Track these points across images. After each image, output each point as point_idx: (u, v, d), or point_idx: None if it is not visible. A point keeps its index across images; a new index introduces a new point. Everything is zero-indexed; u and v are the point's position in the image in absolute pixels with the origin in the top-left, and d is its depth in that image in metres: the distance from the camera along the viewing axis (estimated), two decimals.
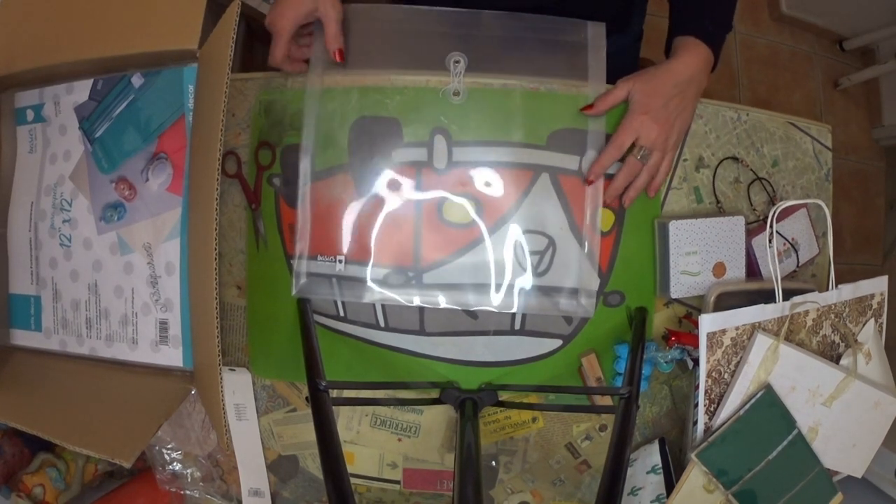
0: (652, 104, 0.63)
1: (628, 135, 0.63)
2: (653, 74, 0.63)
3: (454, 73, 0.66)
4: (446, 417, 0.71)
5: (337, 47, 0.64)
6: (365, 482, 0.74)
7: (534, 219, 0.67)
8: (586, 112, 0.65)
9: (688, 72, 0.63)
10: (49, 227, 0.67)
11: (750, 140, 0.72)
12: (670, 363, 0.68)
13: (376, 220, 0.67)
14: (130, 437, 0.53)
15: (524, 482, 0.74)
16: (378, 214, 0.67)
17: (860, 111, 1.88)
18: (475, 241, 0.67)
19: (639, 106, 0.63)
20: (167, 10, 0.59)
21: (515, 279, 0.67)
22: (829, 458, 0.65)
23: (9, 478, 0.71)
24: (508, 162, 0.67)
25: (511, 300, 0.66)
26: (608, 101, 0.64)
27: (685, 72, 0.63)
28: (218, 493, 0.75)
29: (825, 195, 0.75)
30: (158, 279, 0.62)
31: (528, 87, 0.67)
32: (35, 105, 0.68)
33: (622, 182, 0.65)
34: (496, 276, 0.67)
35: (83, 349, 0.66)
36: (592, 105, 0.65)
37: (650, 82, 0.63)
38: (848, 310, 0.67)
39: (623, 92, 0.64)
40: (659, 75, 0.63)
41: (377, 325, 0.69)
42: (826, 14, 1.81)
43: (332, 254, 0.66)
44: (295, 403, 0.71)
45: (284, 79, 0.68)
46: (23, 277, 0.69)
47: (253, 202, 0.68)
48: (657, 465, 0.67)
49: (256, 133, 0.68)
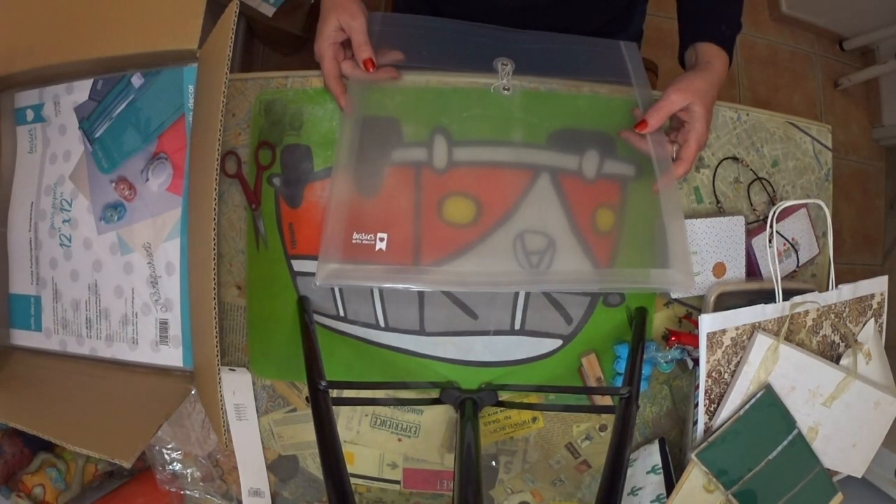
0: (706, 113, 0.62)
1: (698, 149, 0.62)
2: (700, 81, 0.62)
3: (502, 74, 0.67)
4: (446, 417, 0.71)
5: (365, 57, 0.62)
6: (365, 482, 0.74)
7: (534, 219, 0.67)
8: (640, 129, 0.63)
9: (720, 77, 0.64)
10: (49, 227, 0.67)
11: (750, 140, 0.72)
12: (670, 363, 0.68)
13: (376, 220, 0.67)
14: (130, 437, 0.53)
15: (524, 482, 0.74)
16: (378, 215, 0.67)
17: (860, 111, 1.88)
18: (475, 241, 0.67)
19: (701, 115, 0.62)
20: (167, 9, 0.59)
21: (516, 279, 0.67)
22: (829, 458, 0.65)
23: (9, 478, 0.71)
24: (508, 162, 0.67)
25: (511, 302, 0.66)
26: (663, 113, 0.62)
27: (720, 77, 0.64)
28: (218, 493, 0.75)
29: (825, 195, 0.75)
30: (158, 279, 0.62)
31: (529, 86, 0.67)
32: (35, 105, 0.68)
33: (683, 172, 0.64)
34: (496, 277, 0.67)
35: (83, 349, 0.66)
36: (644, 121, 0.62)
37: (703, 89, 0.62)
38: (848, 310, 0.67)
39: (679, 104, 0.62)
40: (707, 81, 0.62)
41: (377, 325, 0.69)
42: (826, 14, 1.81)
43: (371, 231, 0.65)
44: (295, 403, 0.71)
45: (284, 79, 0.68)
46: (23, 277, 0.69)
47: (253, 202, 0.68)
48: (657, 465, 0.67)
49: (256, 133, 0.68)
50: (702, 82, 0.62)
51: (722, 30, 0.65)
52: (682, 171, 0.63)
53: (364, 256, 0.63)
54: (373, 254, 0.63)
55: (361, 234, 0.63)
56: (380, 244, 0.63)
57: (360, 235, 0.63)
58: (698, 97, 0.61)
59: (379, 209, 0.67)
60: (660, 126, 0.63)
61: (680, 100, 0.61)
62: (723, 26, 0.66)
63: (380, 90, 0.66)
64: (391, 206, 0.67)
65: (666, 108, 0.62)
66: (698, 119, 0.61)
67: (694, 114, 0.61)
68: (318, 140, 0.67)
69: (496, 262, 0.67)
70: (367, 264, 0.63)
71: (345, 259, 0.62)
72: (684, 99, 0.61)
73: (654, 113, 0.62)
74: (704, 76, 0.62)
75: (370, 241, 0.64)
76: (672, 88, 0.62)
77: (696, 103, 0.61)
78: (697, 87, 0.61)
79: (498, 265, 0.68)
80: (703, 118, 0.62)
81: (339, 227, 0.63)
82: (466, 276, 0.67)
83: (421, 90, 0.67)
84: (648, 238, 0.66)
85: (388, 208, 0.67)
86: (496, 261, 0.67)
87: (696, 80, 0.62)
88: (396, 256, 0.64)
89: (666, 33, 0.72)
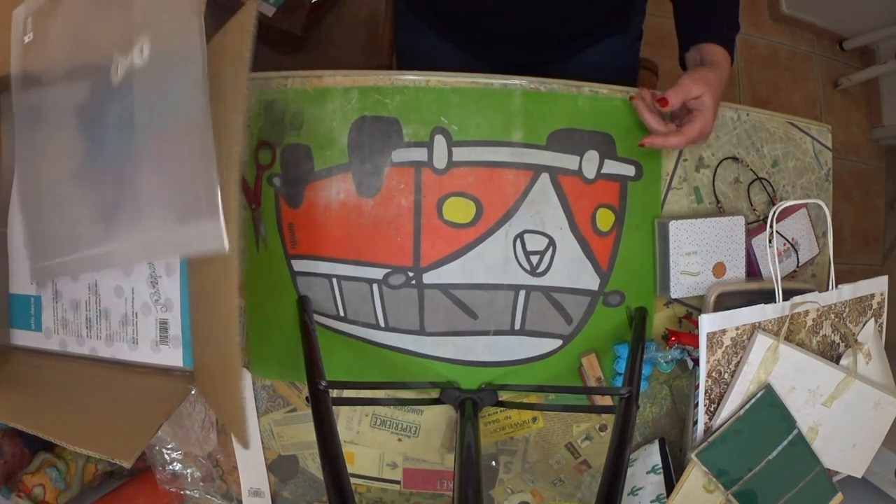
0: (716, 106, 0.63)
1: (702, 133, 0.63)
2: (713, 76, 0.63)
3: None
4: (446, 417, 0.71)
5: None
6: (365, 482, 0.74)
7: (534, 219, 0.67)
8: (661, 106, 0.62)
9: (726, 75, 0.65)
10: None
11: (750, 140, 0.72)
12: (670, 363, 0.68)
13: (376, 220, 0.67)
14: (130, 437, 0.53)
15: (524, 482, 0.74)
16: (378, 214, 0.67)
17: (860, 111, 1.88)
18: (475, 241, 0.67)
19: (712, 105, 0.62)
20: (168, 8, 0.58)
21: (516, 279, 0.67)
22: (829, 458, 0.65)
23: (9, 478, 0.71)
24: (508, 162, 0.67)
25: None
26: (681, 94, 0.62)
27: (726, 75, 0.65)
28: (218, 493, 0.75)
29: (825, 195, 0.75)
30: (159, 279, 0.62)
31: (529, 87, 0.67)
32: (35, 104, 0.68)
33: (675, 144, 0.63)
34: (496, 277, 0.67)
35: (83, 349, 0.66)
36: (665, 98, 0.62)
37: (718, 90, 0.63)
38: (848, 310, 0.67)
39: (695, 91, 0.62)
40: (720, 86, 0.63)
41: (377, 325, 0.69)
42: (826, 14, 1.81)
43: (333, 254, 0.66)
44: (295, 403, 0.71)
45: (284, 79, 0.68)
46: (23, 277, 0.69)
47: (253, 202, 0.68)
48: (657, 465, 0.67)
49: (256, 133, 0.68)
50: (714, 77, 0.63)
51: (724, 31, 0.66)
52: (675, 141, 0.63)
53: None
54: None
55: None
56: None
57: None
58: (710, 89, 0.62)
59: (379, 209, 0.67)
60: (678, 106, 0.63)
61: (696, 88, 0.62)
62: (724, 27, 0.66)
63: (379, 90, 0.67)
64: (391, 206, 0.67)
65: (684, 90, 0.62)
66: (708, 109, 0.62)
67: (704, 104, 0.62)
68: (318, 140, 0.67)
69: (496, 262, 0.68)
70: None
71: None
72: (699, 89, 0.62)
73: (673, 92, 0.62)
74: (716, 72, 0.63)
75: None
76: (688, 78, 0.62)
77: (707, 94, 0.62)
78: (711, 80, 0.62)
79: (498, 265, 0.68)
80: (712, 110, 0.62)
81: None
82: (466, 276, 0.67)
83: (421, 90, 0.67)
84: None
85: (388, 208, 0.67)
86: (496, 261, 0.68)
87: (710, 74, 0.63)
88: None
89: (666, 33, 0.72)
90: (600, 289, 0.69)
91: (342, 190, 0.67)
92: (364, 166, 0.67)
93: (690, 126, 0.62)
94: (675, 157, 0.70)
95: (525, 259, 0.68)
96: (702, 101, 0.62)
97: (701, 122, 0.62)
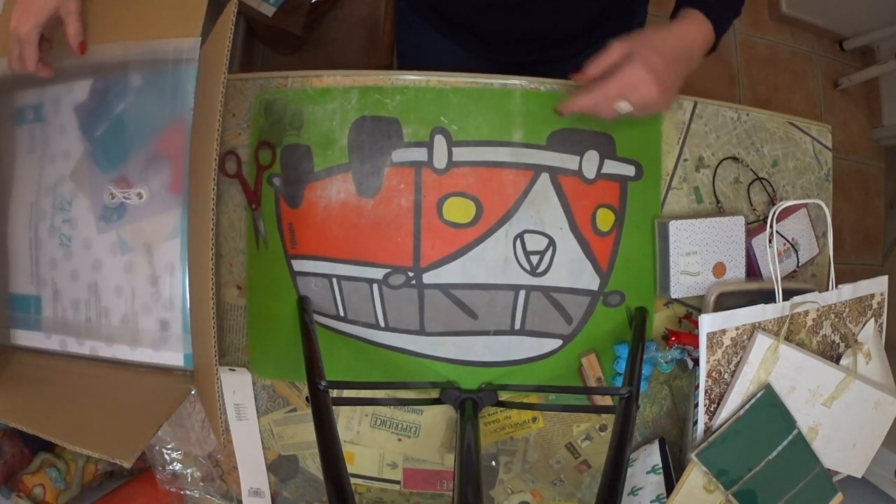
0: (655, 62, 0.56)
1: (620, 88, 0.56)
2: (653, 33, 0.57)
3: None
4: (446, 417, 0.71)
5: (80, 41, 0.60)
6: (365, 482, 0.74)
7: (534, 219, 0.67)
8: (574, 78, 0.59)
9: (687, 39, 0.58)
10: (49, 227, 0.67)
11: (750, 140, 0.72)
12: (670, 363, 0.68)
13: (376, 220, 0.67)
14: (130, 437, 0.53)
15: (524, 482, 0.74)
16: (378, 214, 0.67)
17: (860, 111, 1.88)
18: (475, 241, 0.67)
19: (642, 59, 0.55)
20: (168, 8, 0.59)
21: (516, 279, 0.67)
22: (829, 458, 0.65)
23: (9, 478, 0.71)
24: (508, 162, 0.67)
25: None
26: (601, 63, 0.57)
27: (685, 38, 0.58)
28: (218, 493, 0.75)
29: (825, 195, 0.75)
30: (159, 279, 0.62)
31: (529, 87, 0.67)
32: (35, 104, 0.68)
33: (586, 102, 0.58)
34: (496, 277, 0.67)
35: (83, 349, 0.66)
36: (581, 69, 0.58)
37: (653, 39, 0.56)
38: (848, 310, 0.67)
39: (618, 52, 0.56)
40: (661, 35, 0.57)
41: (377, 325, 0.69)
42: (826, 14, 1.81)
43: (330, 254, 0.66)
44: (295, 403, 0.71)
45: (284, 79, 0.68)
46: (23, 277, 0.69)
47: (253, 202, 0.68)
48: (657, 465, 0.67)
49: (256, 133, 0.68)
50: (656, 35, 0.57)
51: (710, 1, 0.60)
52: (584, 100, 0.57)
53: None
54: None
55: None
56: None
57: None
58: (644, 45, 0.56)
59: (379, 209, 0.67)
60: (596, 75, 0.58)
61: (619, 48, 0.56)
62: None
63: (379, 90, 0.67)
64: (391, 206, 0.67)
65: (604, 57, 0.57)
66: (635, 64, 0.55)
67: (631, 58, 0.56)
68: (318, 140, 0.67)
69: (496, 262, 0.68)
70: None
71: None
72: (626, 47, 0.56)
73: (592, 62, 0.58)
74: (663, 31, 0.58)
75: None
76: (615, 40, 0.57)
77: (639, 52, 0.56)
78: (646, 38, 0.56)
79: (498, 265, 0.68)
80: (646, 64, 0.55)
81: None
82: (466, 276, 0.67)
83: (421, 90, 0.67)
84: None
85: (388, 208, 0.67)
86: (496, 261, 0.68)
87: (649, 32, 0.57)
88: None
89: None
90: (600, 289, 0.69)
91: (342, 190, 0.67)
92: (364, 166, 0.67)
93: (607, 82, 0.56)
94: (675, 157, 0.70)
95: (525, 259, 0.68)
96: (629, 57, 0.56)
97: (624, 78, 0.55)
